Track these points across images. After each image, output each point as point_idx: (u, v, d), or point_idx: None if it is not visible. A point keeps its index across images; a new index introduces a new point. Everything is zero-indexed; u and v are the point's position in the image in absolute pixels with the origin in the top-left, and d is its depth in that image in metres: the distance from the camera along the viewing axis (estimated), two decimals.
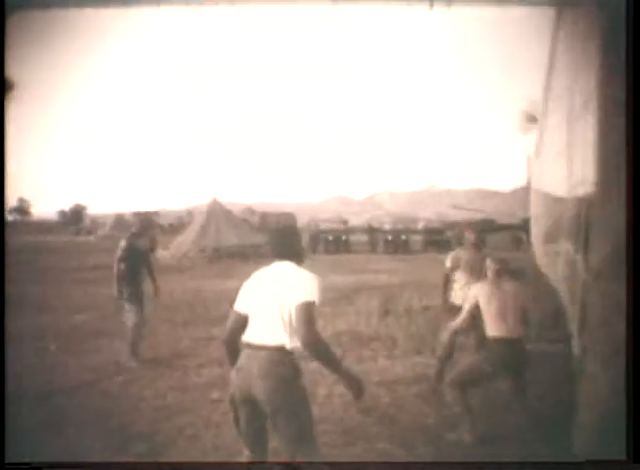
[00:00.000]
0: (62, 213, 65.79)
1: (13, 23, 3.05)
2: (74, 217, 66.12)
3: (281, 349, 3.66)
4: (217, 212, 30.63)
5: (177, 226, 49.83)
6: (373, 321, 11.10)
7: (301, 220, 49.76)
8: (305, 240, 34.95)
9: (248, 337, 3.80)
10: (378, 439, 5.55)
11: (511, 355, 5.60)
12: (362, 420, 6.01)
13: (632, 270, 2.69)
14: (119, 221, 55.65)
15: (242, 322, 3.86)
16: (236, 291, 3.99)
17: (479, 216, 58.47)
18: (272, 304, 3.72)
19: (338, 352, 7.88)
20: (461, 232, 8.28)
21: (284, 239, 4.03)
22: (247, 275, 4.02)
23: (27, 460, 3.66)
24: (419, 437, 5.58)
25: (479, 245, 7.30)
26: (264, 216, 51.49)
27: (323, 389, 6.75)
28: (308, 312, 3.60)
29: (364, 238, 40.09)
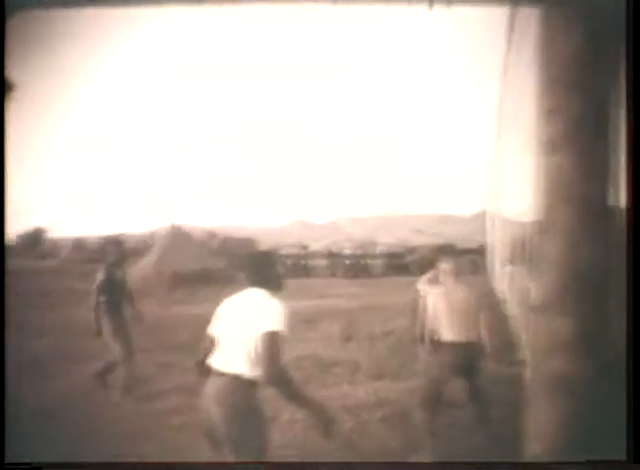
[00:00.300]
0: (22, 237, 64.61)
1: (13, 23, 3.07)
2: (34, 241, 64.97)
3: (238, 378, 3.67)
4: (178, 236, 30.50)
5: (139, 250, 49.41)
6: (335, 346, 11.14)
7: (262, 245, 49.58)
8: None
9: (213, 361, 3.82)
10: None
11: (465, 359, 5.73)
12: (325, 446, 6.04)
13: (632, 271, 2.80)
14: (79, 245, 54.76)
15: (213, 346, 3.87)
16: (195, 316, 4.03)
17: (439, 241, 58.96)
18: (238, 331, 3.73)
19: (299, 377, 7.91)
20: (434, 257, 8.34)
21: (259, 266, 4.01)
22: (207, 300, 4.05)
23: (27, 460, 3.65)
24: (381, 458, 5.65)
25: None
26: (225, 241, 51.37)
27: (286, 414, 6.77)
28: (273, 342, 3.61)
29: (324, 263, 40.11)
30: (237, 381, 3.67)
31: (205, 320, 4.05)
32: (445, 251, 31.84)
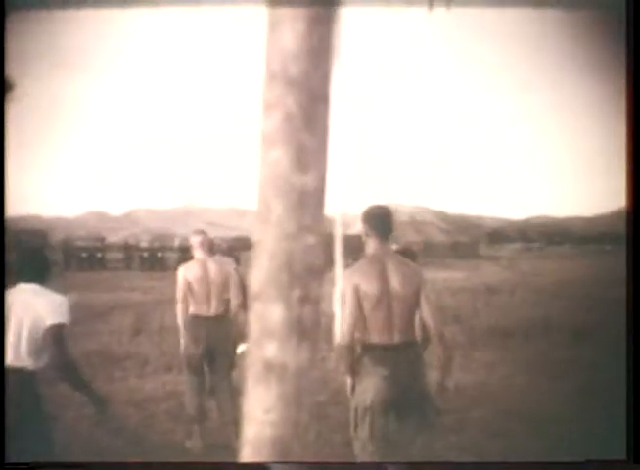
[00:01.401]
0: None
1: (13, 23, 2.86)
2: None
3: (21, 371, 3.57)
4: None
5: None
6: (124, 340, 10.96)
7: (55, 237, 47.52)
8: (59, 258, 33.68)
9: None
10: (128, 458, 5.55)
11: (213, 335, 5.73)
12: (111, 441, 5.94)
13: (632, 271, 2.94)
14: None
15: None
16: None
17: (233, 234, 59.28)
18: (17, 326, 3.60)
19: (87, 372, 7.72)
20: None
21: (28, 259, 3.88)
22: None
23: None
24: (164, 451, 5.66)
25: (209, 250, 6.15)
26: (16, 234, 48.73)
27: (72, 412, 6.58)
28: (58, 335, 3.57)
29: (120, 255, 39.31)
30: (20, 375, 3.57)
31: None
32: (240, 243, 32.17)
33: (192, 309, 5.81)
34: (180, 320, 5.84)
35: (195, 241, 5.94)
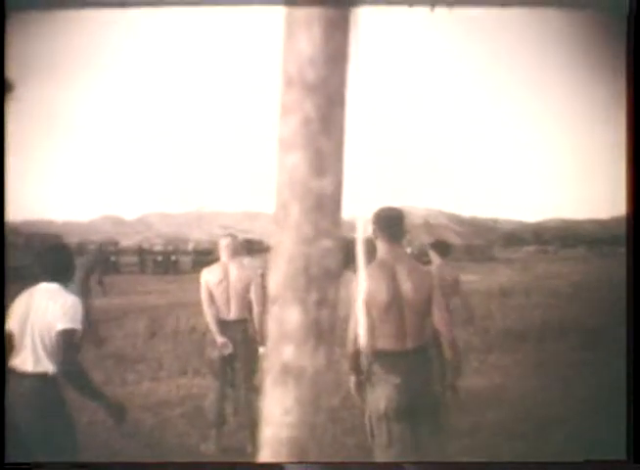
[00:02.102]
0: None
1: (13, 24, 2.88)
2: None
3: (44, 376, 3.55)
4: None
5: None
6: (139, 343, 10.98)
7: (70, 241, 47.69)
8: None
9: (12, 364, 3.63)
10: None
11: (234, 338, 5.71)
12: (126, 445, 5.95)
13: (632, 270, 2.93)
14: None
15: (11, 345, 3.64)
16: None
17: (246, 237, 59.22)
18: (35, 328, 3.57)
19: (101, 376, 7.75)
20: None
21: (52, 258, 3.84)
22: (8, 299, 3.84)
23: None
24: (180, 454, 5.67)
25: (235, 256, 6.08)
26: (29, 237, 48.88)
27: (85, 416, 6.60)
28: (69, 340, 3.52)
29: (134, 259, 39.43)
30: (43, 380, 3.55)
31: None
32: (254, 246, 32.22)
33: (219, 313, 5.83)
34: (211, 324, 5.82)
35: (222, 244, 5.93)
